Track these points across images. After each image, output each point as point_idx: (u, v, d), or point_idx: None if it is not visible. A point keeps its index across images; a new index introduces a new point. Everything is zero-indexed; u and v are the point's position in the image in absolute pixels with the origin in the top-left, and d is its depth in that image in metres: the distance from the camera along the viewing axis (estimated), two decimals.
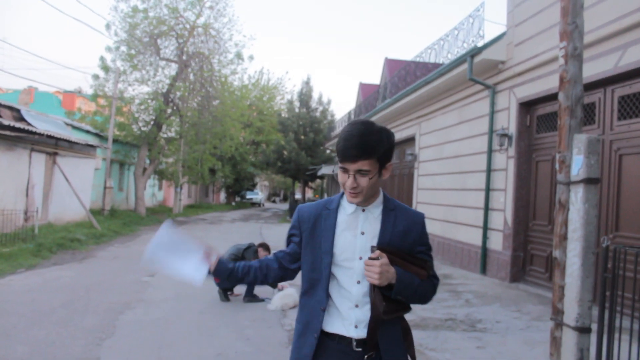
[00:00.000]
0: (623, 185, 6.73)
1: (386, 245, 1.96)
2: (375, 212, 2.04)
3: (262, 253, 8.09)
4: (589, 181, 4.05)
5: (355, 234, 2.01)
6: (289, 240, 2.20)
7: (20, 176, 13.89)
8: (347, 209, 2.05)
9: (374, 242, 1.98)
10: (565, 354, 4.20)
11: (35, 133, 13.81)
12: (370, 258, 1.90)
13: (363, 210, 2.03)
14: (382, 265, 1.86)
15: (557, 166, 4.39)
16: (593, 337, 4.19)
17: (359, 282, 1.99)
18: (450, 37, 12.38)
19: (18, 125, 13.03)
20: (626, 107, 6.77)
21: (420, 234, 2.07)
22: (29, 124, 14.40)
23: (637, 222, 6.41)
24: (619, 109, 6.88)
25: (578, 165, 4.12)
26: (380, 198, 2.06)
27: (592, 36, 6.82)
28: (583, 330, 4.08)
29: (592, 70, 6.87)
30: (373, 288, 1.91)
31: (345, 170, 1.94)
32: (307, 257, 2.09)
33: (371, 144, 1.89)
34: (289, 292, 7.55)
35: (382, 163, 1.95)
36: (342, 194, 2.07)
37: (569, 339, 4.16)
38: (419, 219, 2.10)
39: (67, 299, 7.42)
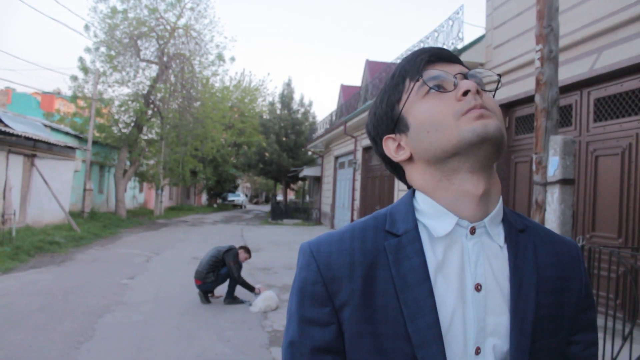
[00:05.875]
0: (599, 186, 6.84)
1: (533, 320, 0.87)
2: (497, 237, 0.91)
3: (243, 255, 8.10)
4: (564, 182, 4.12)
5: (464, 291, 0.87)
6: (302, 340, 0.89)
7: None
8: (434, 226, 0.90)
9: (502, 309, 0.88)
10: None
11: (12, 134, 13.62)
12: None
13: (472, 232, 0.89)
14: None
15: (534, 167, 4.46)
16: None
17: None
18: (430, 39, 12.48)
19: None
20: (602, 109, 6.88)
21: (586, 285, 0.97)
22: (6, 125, 14.19)
23: (613, 222, 6.52)
24: (595, 111, 6.99)
25: (554, 166, 4.18)
26: (501, 204, 0.93)
27: (568, 39, 6.93)
28: None
29: (569, 72, 6.97)
30: None
31: (440, 80, 0.91)
32: None
33: None
34: (270, 295, 7.56)
35: None
36: (411, 195, 0.96)
37: None
38: (575, 251, 0.98)
39: (45, 302, 7.33)
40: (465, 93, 0.88)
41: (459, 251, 0.88)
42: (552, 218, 4.18)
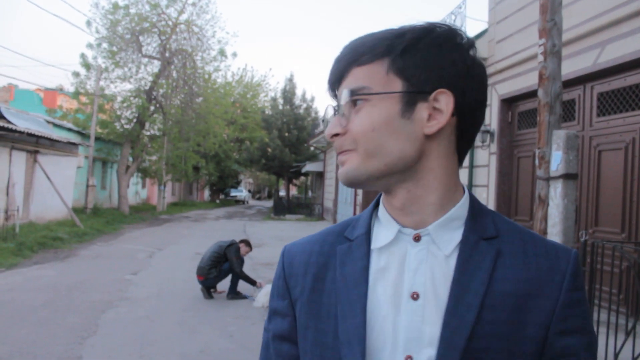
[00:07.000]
0: (602, 181, 6.82)
1: (469, 335, 0.79)
2: (445, 245, 0.85)
3: (244, 249, 8.13)
4: (567, 176, 4.11)
5: (398, 298, 0.84)
6: (269, 326, 0.99)
7: (0, 175, 13.71)
8: (379, 235, 0.90)
9: (437, 320, 0.82)
10: None
11: (15, 131, 13.63)
12: None
13: (417, 239, 0.86)
14: None
15: (537, 162, 4.44)
16: None
17: None
18: None
19: None
20: (605, 103, 6.86)
21: (568, 306, 0.83)
22: (9, 121, 14.19)
23: (616, 217, 6.51)
24: (598, 105, 6.97)
25: (557, 161, 4.17)
26: (461, 208, 0.88)
27: (571, 33, 6.90)
28: None
29: (572, 67, 6.94)
30: None
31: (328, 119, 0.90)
32: (307, 356, 0.91)
33: (375, 38, 0.86)
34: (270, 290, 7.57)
35: (417, 78, 0.83)
36: (376, 204, 0.95)
37: None
38: (559, 266, 0.84)
39: (49, 298, 7.36)
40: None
41: (401, 258, 0.86)
42: (555, 213, 4.17)
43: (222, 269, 7.83)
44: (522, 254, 0.84)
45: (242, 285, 7.98)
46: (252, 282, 7.90)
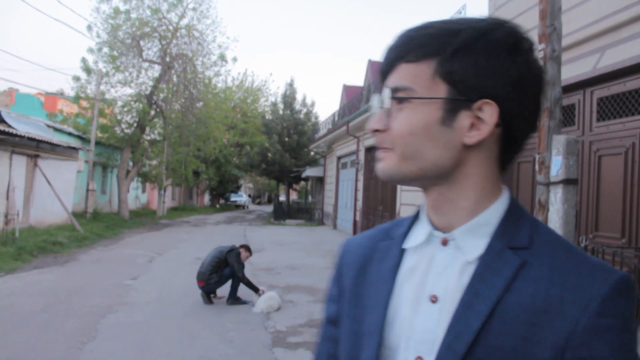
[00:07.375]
0: (602, 186, 6.82)
1: (471, 342, 0.77)
2: (470, 251, 0.83)
3: (244, 254, 8.10)
4: (567, 182, 4.11)
5: (419, 299, 0.85)
6: (325, 309, 1.04)
7: (1, 179, 13.71)
8: (414, 235, 0.92)
9: (438, 328, 0.81)
10: None
11: (15, 135, 13.64)
12: None
13: (444, 243, 0.86)
14: None
15: (536, 167, 4.44)
16: None
17: None
18: None
19: None
20: (605, 108, 6.86)
21: (593, 331, 0.72)
22: (9, 125, 14.21)
23: (616, 222, 6.50)
24: (598, 110, 6.97)
25: (557, 166, 4.17)
26: (492, 214, 0.85)
27: (571, 39, 6.92)
28: None
29: (572, 72, 6.95)
30: None
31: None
32: (342, 341, 0.95)
33: (427, 33, 0.82)
34: (272, 295, 7.56)
35: (464, 85, 0.80)
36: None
37: None
38: (594, 283, 0.75)
39: (48, 302, 7.35)
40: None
41: (429, 260, 0.86)
42: (555, 218, 4.17)
43: (223, 274, 7.81)
44: (549, 268, 0.78)
45: (242, 291, 7.96)
46: (255, 289, 7.80)
